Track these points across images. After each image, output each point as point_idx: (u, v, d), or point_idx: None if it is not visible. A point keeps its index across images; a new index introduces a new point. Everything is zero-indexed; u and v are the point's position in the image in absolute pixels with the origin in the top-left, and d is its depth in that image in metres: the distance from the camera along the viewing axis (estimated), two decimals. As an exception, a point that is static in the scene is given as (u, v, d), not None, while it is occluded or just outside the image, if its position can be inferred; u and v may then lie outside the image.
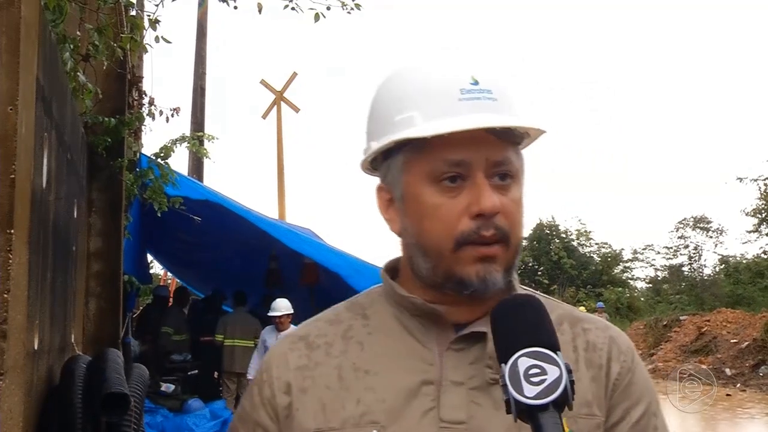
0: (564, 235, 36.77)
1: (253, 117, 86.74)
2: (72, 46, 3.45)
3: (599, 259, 36.93)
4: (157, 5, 4.39)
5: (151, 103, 6.04)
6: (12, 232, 1.92)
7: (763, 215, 28.93)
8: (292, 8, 4.91)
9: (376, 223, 1.11)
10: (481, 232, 0.97)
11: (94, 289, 4.75)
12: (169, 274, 15.47)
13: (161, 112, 6.04)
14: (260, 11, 4.87)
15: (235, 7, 5.10)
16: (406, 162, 1.02)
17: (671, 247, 35.38)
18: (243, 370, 8.72)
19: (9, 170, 1.93)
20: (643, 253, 36.76)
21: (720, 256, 33.11)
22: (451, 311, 1.03)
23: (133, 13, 4.45)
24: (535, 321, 0.90)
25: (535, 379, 0.83)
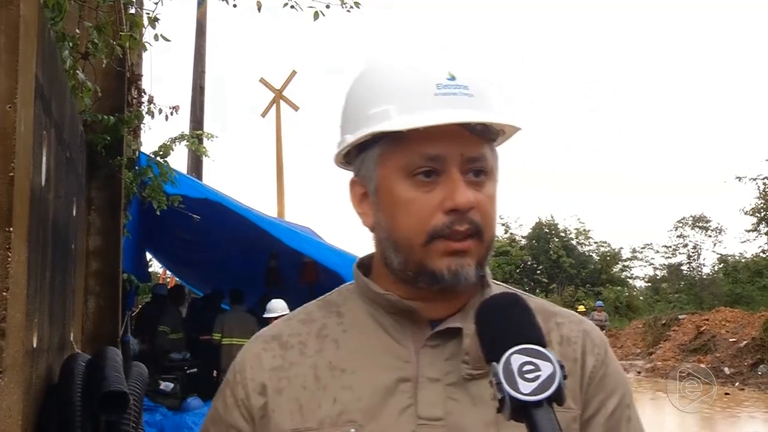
0: (563, 234, 36.73)
1: (253, 115, 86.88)
2: (71, 44, 3.45)
3: (598, 258, 36.88)
4: (157, 3, 4.38)
5: (151, 101, 6.03)
6: (11, 230, 1.92)
7: (762, 214, 28.96)
8: (292, 6, 4.91)
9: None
10: (455, 226, 0.97)
11: (93, 287, 4.74)
12: (168, 272, 15.48)
13: (160, 111, 6.03)
14: (260, 9, 4.86)
15: (235, 6, 5.10)
16: (381, 155, 1.02)
17: (670, 246, 35.40)
18: (242, 369, 8.69)
19: (8, 168, 1.93)
20: (642, 252, 36.77)
21: (719, 255, 33.12)
22: (426, 307, 1.03)
23: (133, 11, 4.43)
24: (523, 318, 0.90)
25: (529, 376, 0.82)
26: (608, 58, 73.17)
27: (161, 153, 6.08)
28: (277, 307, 7.64)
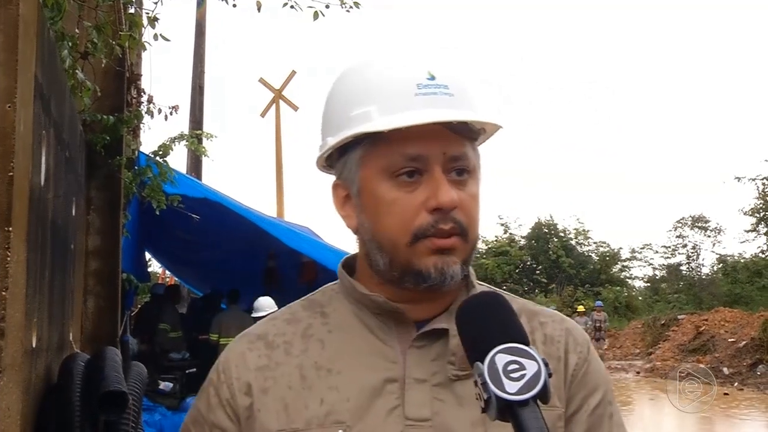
0: (562, 234, 36.73)
1: (252, 115, 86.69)
2: (70, 44, 3.44)
3: (597, 258, 36.88)
4: (156, 3, 4.38)
5: (150, 101, 6.02)
6: (10, 229, 1.92)
7: (761, 214, 28.98)
8: (291, 6, 4.90)
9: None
10: (439, 225, 0.97)
11: (92, 287, 4.74)
12: (168, 272, 15.48)
13: (160, 110, 6.03)
14: (259, 9, 4.86)
15: (234, 6, 5.10)
16: (363, 157, 1.02)
17: (669, 247, 35.40)
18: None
19: (7, 168, 1.93)
20: (641, 253, 36.76)
21: (718, 256, 33.13)
22: (411, 308, 1.03)
23: (132, 10, 4.43)
24: (505, 317, 0.90)
25: (515, 375, 0.81)
26: (607, 58, 73.23)
27: (161, 153, 6.07)
28: (265, 305, 7.61)
